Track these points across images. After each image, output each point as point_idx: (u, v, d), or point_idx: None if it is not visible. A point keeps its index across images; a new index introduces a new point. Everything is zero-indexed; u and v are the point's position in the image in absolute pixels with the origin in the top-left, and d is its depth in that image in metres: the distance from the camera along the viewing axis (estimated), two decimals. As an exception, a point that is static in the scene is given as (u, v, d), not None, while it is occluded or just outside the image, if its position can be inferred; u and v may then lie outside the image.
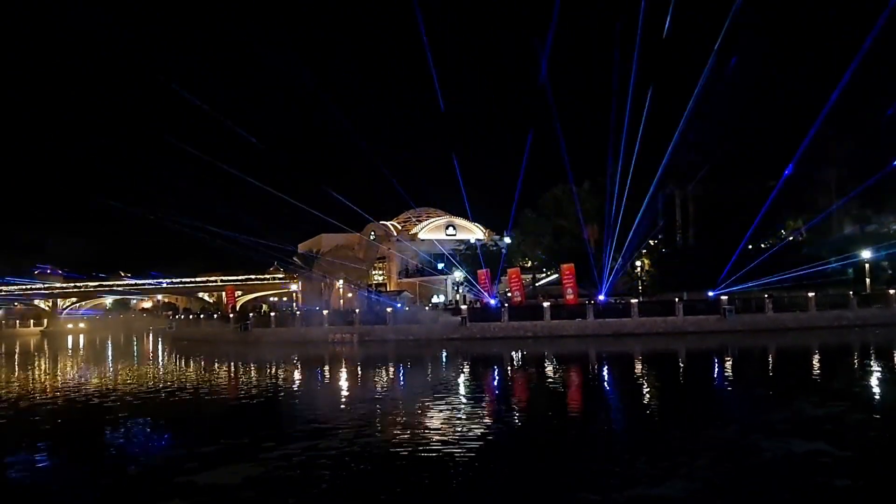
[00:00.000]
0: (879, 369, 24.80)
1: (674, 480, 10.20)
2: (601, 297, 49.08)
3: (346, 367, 32.81)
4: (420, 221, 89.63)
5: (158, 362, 41.65)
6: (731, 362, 30.23)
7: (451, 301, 68.50)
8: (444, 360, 34.10)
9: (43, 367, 39.94)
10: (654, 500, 9.22)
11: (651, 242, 64.71)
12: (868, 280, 47.82)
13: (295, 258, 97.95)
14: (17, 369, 38.89)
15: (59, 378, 32.64)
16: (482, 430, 14.91)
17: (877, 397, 18.96)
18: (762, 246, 56.43)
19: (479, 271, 56.22)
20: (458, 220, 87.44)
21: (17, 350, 59.77)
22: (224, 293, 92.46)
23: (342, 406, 20.05)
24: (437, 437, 13.92)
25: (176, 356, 45.21)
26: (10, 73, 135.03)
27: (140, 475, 11.78)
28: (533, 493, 10.08)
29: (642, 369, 28.32)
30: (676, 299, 45.42)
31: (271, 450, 12.94)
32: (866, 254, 48.54)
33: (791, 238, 59.21)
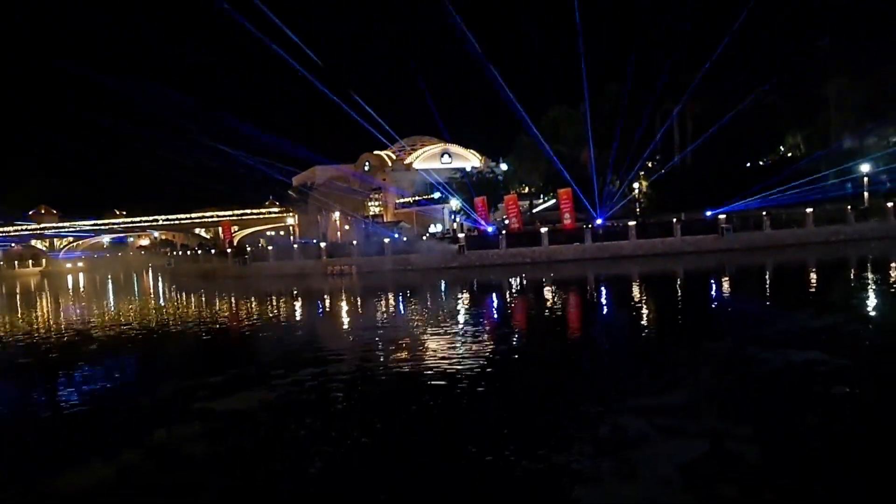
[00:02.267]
0: (874, 281, 25.16)
1: (675, 391, 10.48)
2: (599, 221, 49.13)
3: (346, 298, 33.16)
4: (414, 150, 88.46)
5: (160, 298, 42.05)
6: (728, 280, 30.62)
7: (448, 230, 68.57)
8: (443, 288, 34.41)
9: (47, 306, 40.32)
10: (657, 409, 9.48)
11: (649, 164, 64.27)
12: (866, 194, 47.77)
13: (290, 191, 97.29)
14: (23, 308, 39.27)
15: (63, 316, 33.01)
16: (486, 353, 15.20)
17: (871, 308, 19.29)
18: (760, 163, 56.07)
19: (475, 199, 55.96)
20: (453, 148, 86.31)
21: (18, 290, 60.17)
22: (220, 228, 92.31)
23: (346, 335, 20.38)
24: (443, 361, 14.20)
25: (176, 292, 45.61)
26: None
27: (155, 404, 12.06)
28: (538, 407, 10.37)
29: (641, 290, 28.69)
30: (674, 220, 45.46)
31: (282, 377, 13.24)
32: (865, 167, 48.32)
33: (790, 154, 58.79)
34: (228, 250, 64.60)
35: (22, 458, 9.49)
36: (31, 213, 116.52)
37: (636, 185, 63.05)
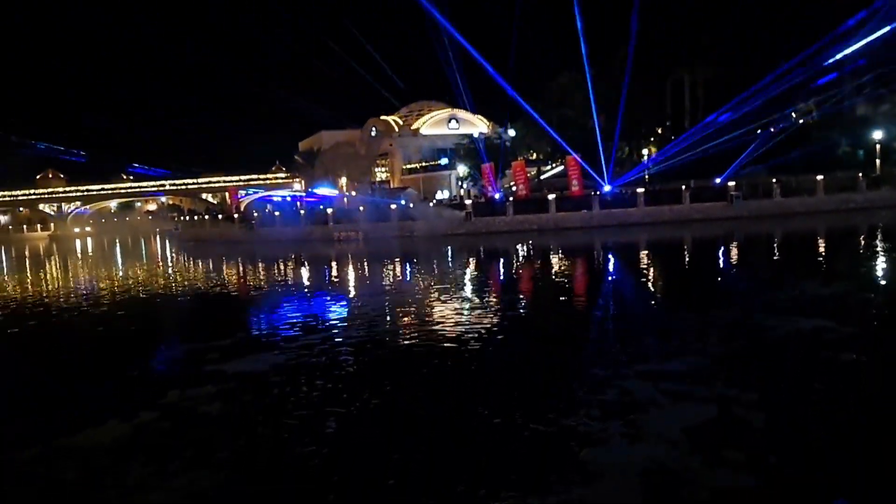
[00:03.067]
0: (883, 250, 25.01)
1: (683, 357, 10.51)
2: (607, 188, 48.81)
3: (353, 264, 33.27)
4: (421, 115, 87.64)
5: (167, 263, 42.30)
6: (736, 248, 30.51)
7: (455, 196, 68.34)
8: (449, 255, 34.44)
9: (57, 270, 40.64)
10: (664, 374, 9.53)
11: (659, 130, 63.52)
12: (878, 162, 47.18)
13: (296, 157, 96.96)
14: (34, 273, 39.61)
15: (72, 280, 33.29)
16: (493, 318, 15.26)
17: (879, 277, 19.22)
18: (772, 130, 55.25)
19: (483, 165, 55.61)
20: (461, 113, 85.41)
21: (28, 254, 60.61)
22: (227, 194, 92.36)
23: (354, 300, 20.48)
24: (451, 326, 14.26)
25: (184, 257, 45.84)
26: None
27: (165, 367, 12.21)
28: (545, 372, 10.45)
29: (648, 257, 28.63)
30: (683, 187, 45.14)
31: (292, 340, 13.36)
32: (878, 135, 47.60)
33: (801, 121, 57.89)
34: (235, 215, 64.77)
35: (40, 416, 9.66)
36: (38, 177, 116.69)
37: (645, 151, 62.43)
